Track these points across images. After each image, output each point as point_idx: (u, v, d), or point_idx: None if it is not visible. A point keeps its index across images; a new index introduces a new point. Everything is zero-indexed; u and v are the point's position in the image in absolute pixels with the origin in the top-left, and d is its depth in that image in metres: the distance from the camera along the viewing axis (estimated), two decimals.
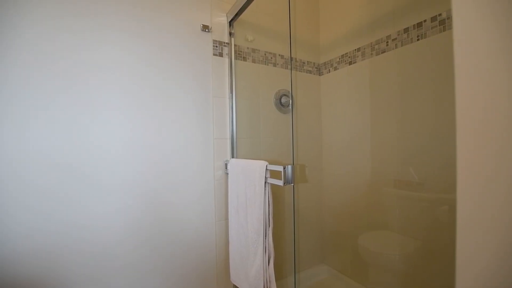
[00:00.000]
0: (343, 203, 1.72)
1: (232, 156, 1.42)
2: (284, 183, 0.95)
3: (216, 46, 1.40)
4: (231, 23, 1.42)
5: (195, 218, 1.32)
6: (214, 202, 1.37)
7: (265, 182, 1.03)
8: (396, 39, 1.34)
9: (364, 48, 1.53)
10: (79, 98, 1.05)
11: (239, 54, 1.48)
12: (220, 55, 1.41)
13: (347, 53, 1.65)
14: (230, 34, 1.44)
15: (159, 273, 1.22)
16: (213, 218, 1.37)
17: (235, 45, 1.45)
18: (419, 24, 1.23)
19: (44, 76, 0.98)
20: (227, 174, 1.37)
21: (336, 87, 1.76)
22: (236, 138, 1.43)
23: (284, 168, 0.95)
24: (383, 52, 1.41)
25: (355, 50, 1.59)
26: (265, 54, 1.59)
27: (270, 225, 1.04)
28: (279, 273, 1.52)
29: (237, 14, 1.35)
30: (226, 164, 1.39)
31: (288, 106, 1.66)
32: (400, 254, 1.30)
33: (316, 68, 1.86)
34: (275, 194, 1.10)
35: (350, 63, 1.63)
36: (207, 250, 1.35)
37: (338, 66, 1.73)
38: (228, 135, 1.43)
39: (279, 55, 1.64)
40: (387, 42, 1.39)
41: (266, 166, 1.04)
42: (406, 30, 1.29)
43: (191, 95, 1.32)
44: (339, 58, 1.71)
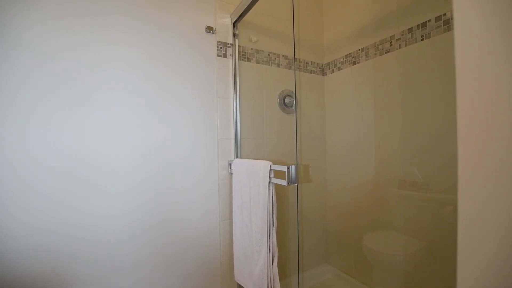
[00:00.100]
0: (346, 203, 1.72)
1: (236, 156, 1.43)
2: (288, 183, 0.96)
3: (220, 47, 1.41)
4: (235, 24, 1.43)
5: (200, 217, 1.33)
6: (218, 201, 1.38)
7: (269, 182, 1.04)
8: (400, 39, 1.34)
9: (368, 48, 1.53)
10: (85, 98, 1.06)
11: (243, 55, 1.49)
12: (224, 56, 1.42)
13: (351, 53, 1.65)
14: (234, 35, 1.45)
15: (164, 272, 1.23)
16: (217, 217, 1.38)
17: (239, 46, 1.46)
18: (423, 24, 1.22)
19: (47, 76, 0.99)
20: (231, 174, 1.38)
21: (340, 87, 1.76)
22: (240, 138, 1.44)
23: (288, 168, 0.96)
24: (387, 52, 1.41)
25: (359, 50, 1.59)
26: (268, 55, 1.60)
27: (274, 224, 1.05)
28: (283, 272, 1.53)
29: (241, 15, 1.36)
30: (230, 164, 1.40)
31: (292, 106, 1.67)
32: (404, 255, 1.30)
33: (319, 68, 1.86)
34: (279, 194, 1.11)
35: (354, 63, 1.63)
36: (211, 249, 1.36)
37: (341, 67, 1.73)
38: (232, 135, 1.44)
39: (282, 55, 1.65)
40: (391, 42, 1.38)
41: (270, 166, 1.05)
42: (410, 30, 1.28)
43: (196, 95, 1.33)
44: (343, 58, 1.71)
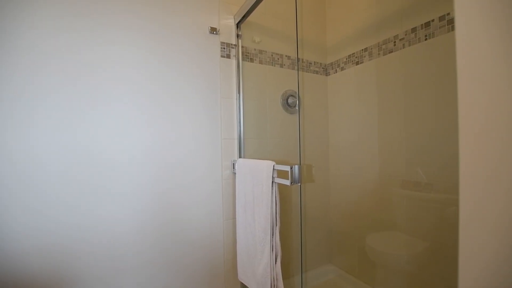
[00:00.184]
0: (350, 203, 1.72)
1: (240, 156, 1.44)
2: (291, 183, 0.97)
3: (224, 48, 1.42)
4: (238, 25, 1.44)
5: (203, 217, 1.34)
6: (221, 201, 1.39)
7: (272, 182, 1.05)
8: (403, 39, 1.34)
9: (371, 48, 1.53)
10: (87, 97, 1.07)
11: (246, 55, 1.50)
12: (228, 56, 1.43)
13: (354, 53, 1.65)
14: (238, 36, 1.46)
15: (168, 271, 1.24)
16: (220, 217, 1.39)
17: (242, 46, 1.47)
18: (427, 24, 1.22)
19: (48, 76, 1.00)
20: (234, 173, 1.39)
21: (343, 88, 1.76)
22: (243, 138, 1.45)
23: (291, 168, 0.97)
24: (391, 52, 1.41)
25: (362, 50, 1.59)
26: (272, 55, 1.60)
27: (277, 224, 1.06)
28: (286, 272, 1.53)
29: (244, 16, 1.37)
30: (233, 164, 1.41)
31: (295, 106, 1.67)
32: (407, 255, 1.29)
33: (323, 68, 1.86)
34: (282, 193, 1.11)
35: (357, 63, 1.63)
36: (214, 248, 1.37)
37: (345, 67, 1.73)
38: (236, 135, 1.45)
39: (286, 56, 1.65)
40: (395, 42, 1.38)
41: (273, 166, 1.05)
42: (414, 30, 1.28)
43: (200, 96, 1.34)
44: (346, 59, 1.71)
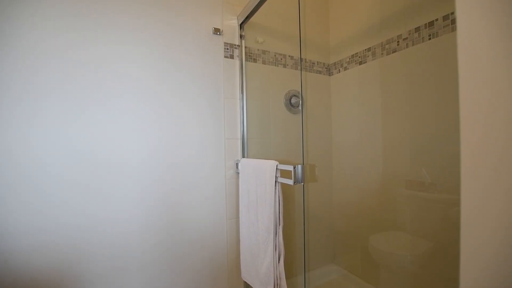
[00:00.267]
0: (353, 203, 1.71)
1: (243, 156, 1.45)
2: (294, 183, 0.97)
3: (227, 49, 1.43)
4: (241, 25, 1.45)
5: (207, 217, 1.35)
6: (225, 201, 1.40)
7: (275, 182, 1.05)
8: (407, 38, 1.33)
9: (375, 48, 1.52)
10: (90, 97, 1.08)
11: (249, 55, 1.51)
12: (231, 57, 1.44)
13: (357, 53, 1.64)
14: (241, 36, 1.46)
15: (172, 271, 1.25)
16: (224, 216, 1.40)
17: (245, 47, 1.48)
18: (431, 23, 1.21)
19: (50, 75, 1.01)
20: (238, 173, 1.40)
21: (346, 87, 1.76)
22: (246, 138, 1.46)
23: (294, 168, 0.97)
24: (394, 51, 1.40)
25: (365, 50, 1.59)
26: (275, 55, 1.61)
27: (280, 223, 1.06)
28: (289, 271, 1.54)
29: (247, 17, 1.38)
30: (237, 163, 1.42)
31: (298, 106, 1.67)
32: (411, 255, 1.29)
33: (326, 68, 1.86)
34: (285, 193, 1.12)
35: (361, 63, 1.63)
36: (218, 247, 1.38)
37: (348, 66, 1.72)
38: (239, 135, 1.46)
39: (289, 56, 1.66)
40: (398, 42, 1.38)
41: (277, 165, 1.06)
42: (417, 29, 1.28)
43: (204, 96, 1.35)
44: (349, 58, 1.71)
